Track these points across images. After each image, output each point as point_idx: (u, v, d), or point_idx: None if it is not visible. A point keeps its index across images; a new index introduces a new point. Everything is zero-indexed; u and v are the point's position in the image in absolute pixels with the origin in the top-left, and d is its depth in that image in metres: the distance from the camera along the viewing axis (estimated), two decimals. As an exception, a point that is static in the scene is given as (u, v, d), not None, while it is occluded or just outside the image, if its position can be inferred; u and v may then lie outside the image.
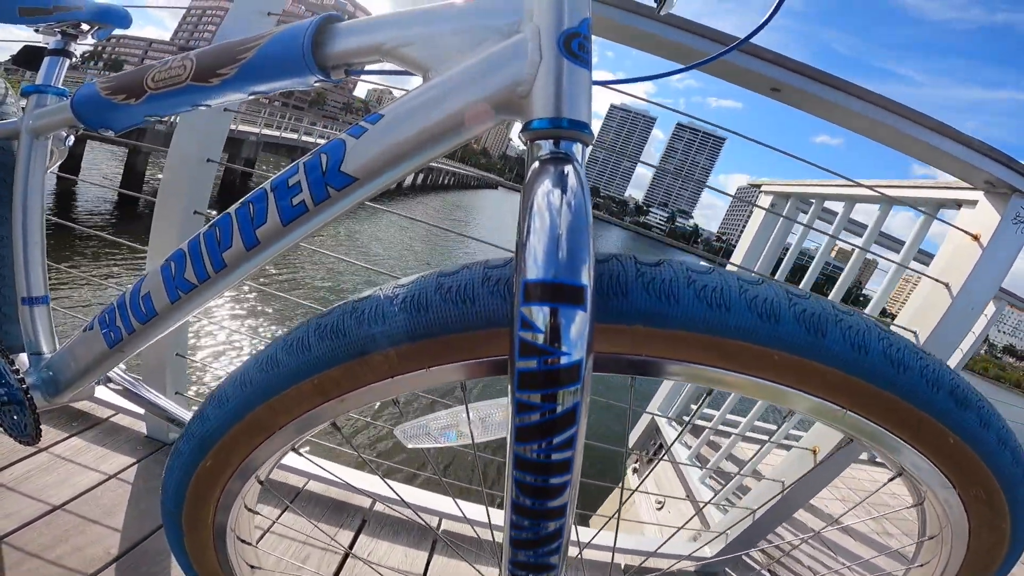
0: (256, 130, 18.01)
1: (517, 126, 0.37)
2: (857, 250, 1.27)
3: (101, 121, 0.58)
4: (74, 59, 0.76)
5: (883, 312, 1.36)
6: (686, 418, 1.89)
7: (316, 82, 0.44)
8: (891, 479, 0.40)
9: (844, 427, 0.34)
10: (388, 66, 0.44)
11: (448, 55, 0.38)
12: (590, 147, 0.36)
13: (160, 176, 0.99)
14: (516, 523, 0.32)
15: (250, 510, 0.53)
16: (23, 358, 0.67)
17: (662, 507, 1.71)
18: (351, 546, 0.96)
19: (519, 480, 0.30)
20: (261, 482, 0.50)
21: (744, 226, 1.70)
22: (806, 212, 1.56)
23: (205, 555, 0.50)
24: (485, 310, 0.33)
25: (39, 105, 0.70)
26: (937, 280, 0.94)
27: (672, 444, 1.74)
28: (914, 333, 0.97)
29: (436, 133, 0.38)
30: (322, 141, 0.48)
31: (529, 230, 0.30)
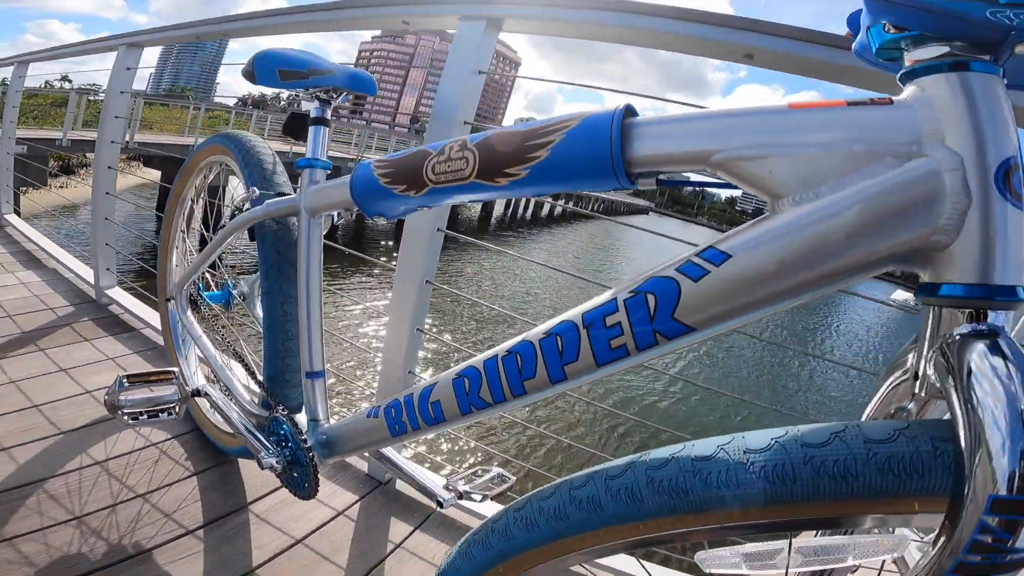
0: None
1: None
2: None
3: (378, 210, 0.59)
4: (331, 128, 0.80)
5: None
6: None
7: (619, 188, 0.40)
8: None
9: None
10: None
11: (812, 179, 0.32)
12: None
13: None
14: None
15: None
16: (302, 421, 0.75)
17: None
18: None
19: None
20: None
21: None
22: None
23: None
24: (867, 486, 0.30)
25: (312, 180, 0.74)
26: None
27: None
28: None
29: (806, 282, 0.32)
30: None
31: (976, 429, 0.26)
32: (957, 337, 0.28)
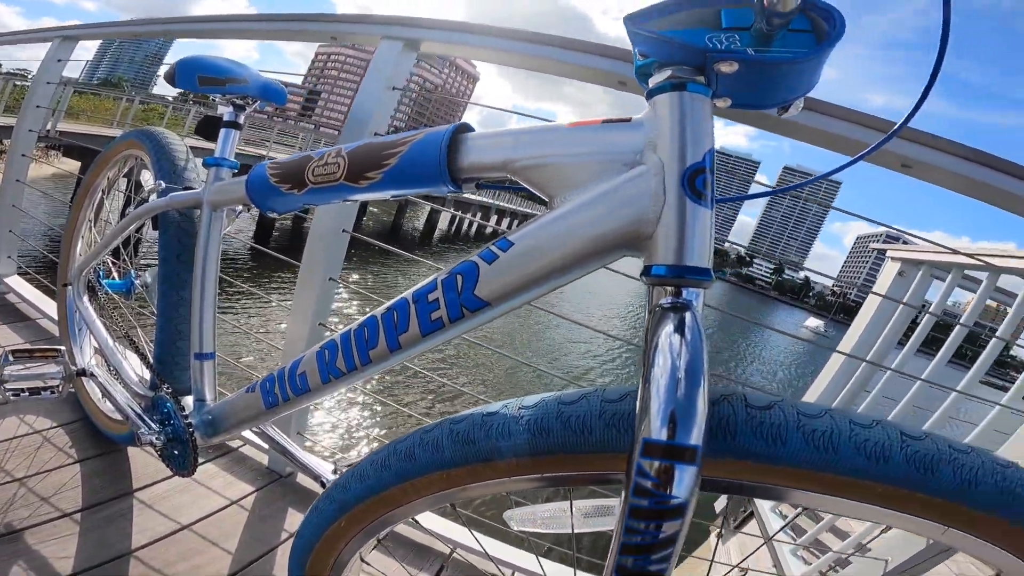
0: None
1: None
2: (999, 331, 1.13)
3: (269, 205, 0.64)
4: (242, 131, 0.86)
5: None
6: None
7: (449, 192, 0.48)
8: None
9: (945, 539, 0.35)
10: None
11: (572, 182, 0.40)
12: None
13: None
14: None
15: (364, 561, 0.59)
16: (189, 401, 0.78)
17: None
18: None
19: None
20: (379, 540, 0.55)
21: (861, 278, 1.56)
22: (942, 279, 1.41)
23: None
24: (600, 440, 0.37)
25: (217, 178, 0.79)
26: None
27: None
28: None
29: (564, 264, 0.40)
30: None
31: (649, 385, 0.33)
32: (657, 310, 0.35)
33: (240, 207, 0.77)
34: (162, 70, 0.95)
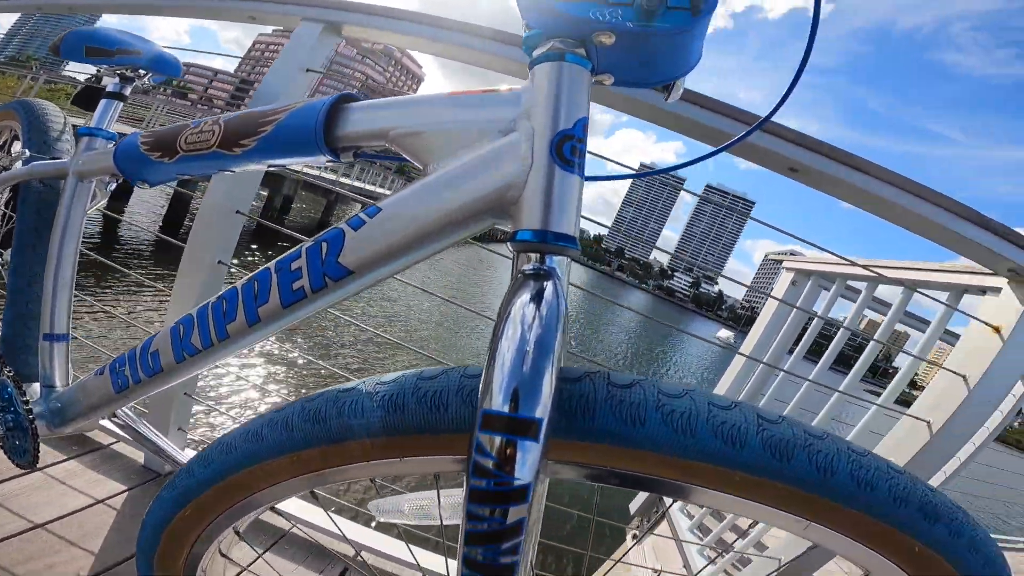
0: (297, 168, 18.09)
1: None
2: (877, 333, 1.24)
3: (138, 174, 0.60)
4: (126, 102, 0.82)
5: (914, 386, 1.32)
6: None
7: (328, 161, 0.46)
8: None
9: (808, 536, 0.35)
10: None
11: (448, 149, 0.39)
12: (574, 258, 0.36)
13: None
14: None
15: (224, 556, 0.54)
16: (35, 388, 0.69)
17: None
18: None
19: None
20: (238, 532, 0.51)
21: (770, 291, 1.68)
22: (828, 288, 1.54)
23: None
24: (455, 417, 0.34)
25: (89, 148, 0.74)
26: (955, 372, 0.91)
27: (666, 510, 1.68)
28: (927, 423, 0.93)
29: (432, 231, 0.38)
30: (358, 184, 0.49)
31: (496, 354, 0.31)
32: (518, 276, 0.34)
33: (109, 178, 0.73)
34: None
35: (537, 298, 0.32)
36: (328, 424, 0.37)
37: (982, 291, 1.02)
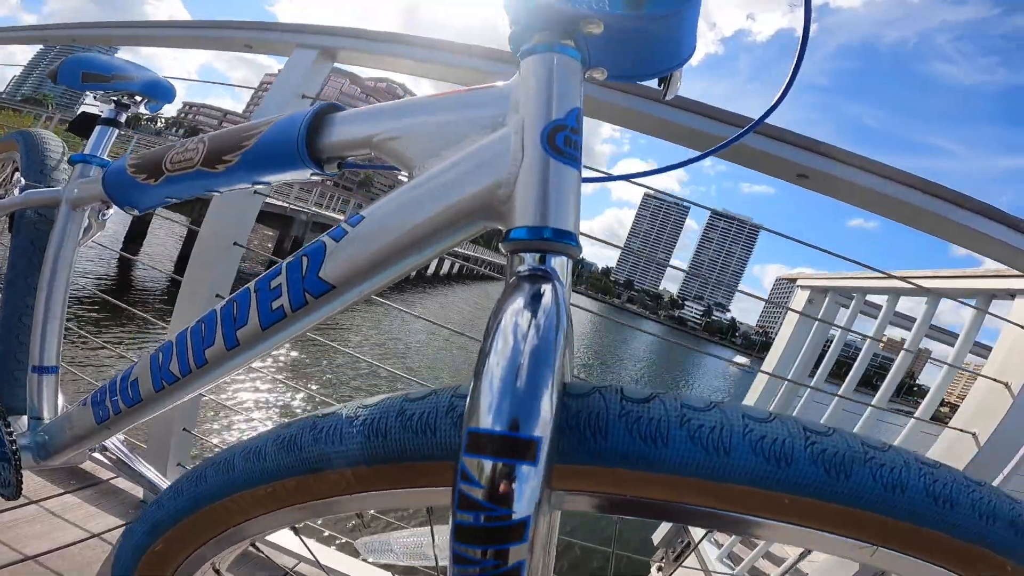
0: (308, 208, 17.47)
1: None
2: (906, 344, 1.18)
3: (126, 199, 0.59)
4: (122, 130, 0.82)
5: (942, 403, 1.25)
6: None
7: (312, 175, 0.44)
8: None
9: (874, 563, 0.29)
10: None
11: (433, 151, 0.37)
12: (576, 260, 0.33)
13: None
14: None
15: None
16: (24, 420, 0.67)
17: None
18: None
19: None
20: (216, 570, 0.46)
21: (783, 318, 1.62)
22: (847, 306, 1.49)
23: None
24: (445, 441, 0.30)
25: (83, 175, 0.73)
26: (995, 380, 0.85)
27: (699, 542, 1.59)
28: (973, 435, 0.87)
29: (418, 237, 0.36)
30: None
31: (485, 364, 0.26)
32: (513, 279, 0.31)
33: (100, 205, 0.71)
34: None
35: (534, 302, 0.28)
36: (303, 452, 0.34)
37: (1011, 295, 0.96)
